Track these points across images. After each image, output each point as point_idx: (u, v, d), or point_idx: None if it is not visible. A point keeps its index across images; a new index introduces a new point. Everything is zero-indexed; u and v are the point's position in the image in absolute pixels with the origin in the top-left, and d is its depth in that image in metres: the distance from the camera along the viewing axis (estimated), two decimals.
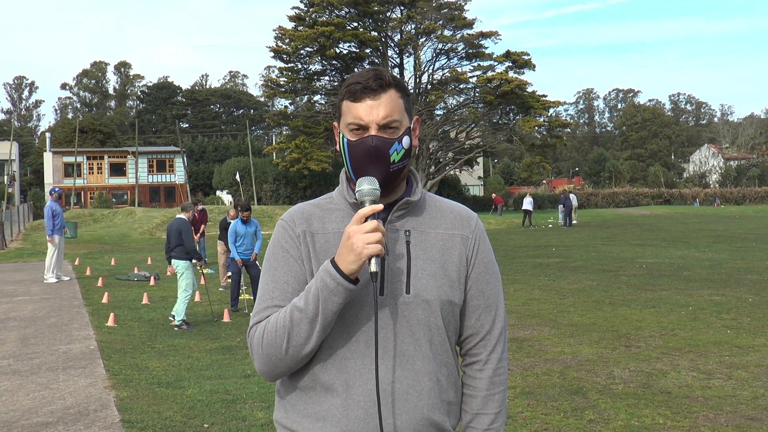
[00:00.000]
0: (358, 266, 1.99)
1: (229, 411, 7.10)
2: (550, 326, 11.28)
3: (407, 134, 2.17)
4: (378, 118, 2.11)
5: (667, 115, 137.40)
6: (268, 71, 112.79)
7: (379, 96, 2.12)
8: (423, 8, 52.27)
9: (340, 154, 2.23)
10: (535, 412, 6.98)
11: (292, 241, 2.19)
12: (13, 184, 64.13)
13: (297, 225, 2.20)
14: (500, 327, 2.28)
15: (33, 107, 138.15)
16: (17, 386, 8.12)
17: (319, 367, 2.12)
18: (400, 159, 2.14)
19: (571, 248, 26.22)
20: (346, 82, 2.17)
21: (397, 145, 2.13)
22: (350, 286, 2.00)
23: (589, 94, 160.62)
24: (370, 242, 1.97)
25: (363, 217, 2.01)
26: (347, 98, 2.16)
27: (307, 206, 2.27)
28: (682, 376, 8.16)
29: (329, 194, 2.31)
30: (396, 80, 2.17)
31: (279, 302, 2.13)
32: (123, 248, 30.72)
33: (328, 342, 2.10)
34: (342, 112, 2.18)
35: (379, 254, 1.98)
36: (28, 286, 17.47)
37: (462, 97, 56.79)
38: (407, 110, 2.19)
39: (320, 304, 2.01)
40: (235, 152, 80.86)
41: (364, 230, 1.98)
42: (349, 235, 1.99)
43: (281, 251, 2.19)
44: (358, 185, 2.09)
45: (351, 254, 1.98)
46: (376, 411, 2.06)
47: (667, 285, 15.65)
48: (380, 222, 2.03)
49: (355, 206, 2.17)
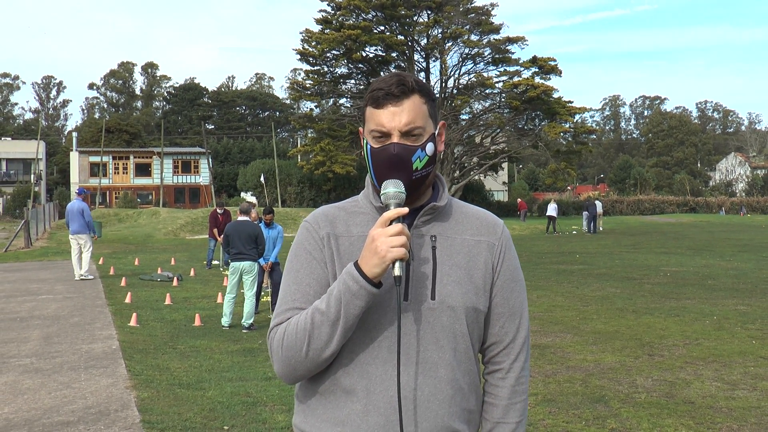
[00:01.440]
0: (381, 270, 1.96)
1: (249, 413, 7.10)
2: (572, 333, 11.20)
3: (431, 141, 2.14)
4: (400, 125, 2.08)
5: (694, 122, 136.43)
6: (294, 74, 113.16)
7: (401, 102, 2.09)
8: (450, 13, 52.18)
9: (365, 160, 2.20)
10: (556, 419, 6.92)
11: (315, 243, 2.17)
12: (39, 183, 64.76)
13: (321, 227, 2.19)
14: (524, 336, 2.25)
15: (60, 107, 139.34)
16: (39, 385, 8.17)
17: (340, 372, 2.09)
18: (424, 166, 2.12)
19: (595, 255, 26.06)
20: (370, 88, 2.15)
21: (420, 152, 2.10)
22: (373, 290, 1.98)
23: (616, 100, 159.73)
24: (395, 246, 1.95)
25: (388, 220, 1.98)
26: (370, 104, 2.13)
27: (332, 209, 2.25)
28: (705, 386, 8.07)
29: (355, 197, 2.29)
30: (420, 85, 2.13)
31: (300, 304, 2.12)
32: (147, 248, 30.89)
33: (349, 346, 2.08)
34: (366, 118, 2.16)
35: (403, 258, 1.96)
36: (52, 285, 17.61)
37: (488, 102, 56.65)
38: (432, 116, 2.16)
39: (342, 307, 1.99)
40: (260, 154, 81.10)
41: (389, 233, 1.96)
42: (373, 238, 1.97)
43: (304, 253, 2.18)
44: (383, 188, 2.07)
45: (375, 257, 1.96)
46: (396, 418, 2.03)
47: (692, 294, 15.51)
48: (405, 226, 2.00)
49: (380, 210, 2.16)
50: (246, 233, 12.09)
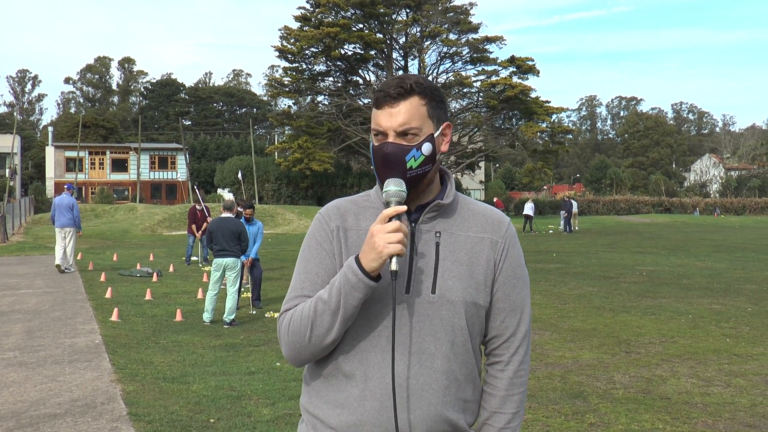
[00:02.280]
0: (378, 264, 2.07)
1: (234, 407, 7.19)
2: (551, 331, 11.36)
3: (429, 141, 2.22)
4: (395, 125, 2.18)
5: (669, 123, 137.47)
6: (272, 70, 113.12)
7: (397, 104, 2.19)
8: (429, 11, 52.41)
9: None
10: (536, 414, 7.06)
11: (326, 234, 2.28)
12: (14, 178, 64.21)
13: (332, 220, 2.30)
14: (524, 330, 2.34)
15: (36, 101, 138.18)
16: (24, 378, 8.21)
17: (342, 358, 2.21)
18: (419, 165, 2.20)
19: (571, 254, 26.30)
20: (375, 90, 2.27)
21: (415, 152, 2.19)
22: (370, 282, 2.09)
23: (592, 101, 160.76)
24: (391, 242, 2.05)
25: (387, 217, 2.09)
26: (373, 105, 2.25)
27: (344, 202, 2.36)
28: (681, 383, 8.25)
29: (368, 191, 2.39)
30: (421, 87, 2.21)
31: (308, 292, 2.24)
32: (124, 244, 30.79)
33: (351, 334, 2.20)
34: (371, 118, 2.27)
35: (399, 254, 2.06)
36: (31, 279, 17.56)
37: (465, 101, 56.96)
38: (431, 117, 2.23)
39: (342, 298, 2.10)
40: (238, 151, 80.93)
41: (387, 230, 2.06)
42: (372, 234, 2.08)
43: (315, 244, 2.29)
44: (385, 186, 2.17)
45: (372, 252, 2.07)
46: (390, 403, 2.14)
47: (667, 293, 15.73)
48: (405, 222, 2.11)
49: (386, 206, 2.24)
50: (229, 230, 12.13)
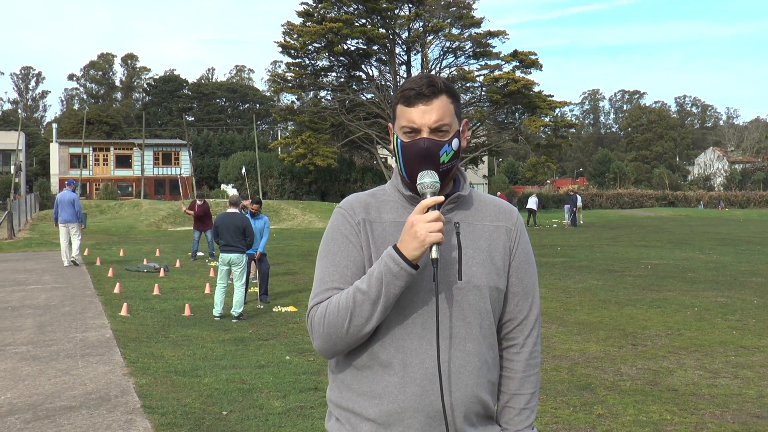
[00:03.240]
0: (420, 252, 2.15)
1: (246, 399, 7.27)
2: (557, 324, 11.44)
3: (456, 137, 2.34)
4: (430, 122, 2.28)
5: (673, 117, 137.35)
6: (275, 66, 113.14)
7: (431, 101, 2.29)
8: (431, 6, 52.33)
9: (393, 153, 2.40)
10: (545, 406, 7.14)
11: (351, 228, 2.35)
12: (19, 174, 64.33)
13: (356, 213, 2.37)
14: (536, 313, 2.46)
15: (39, 98, 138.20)
16: (38, 371, 8.31)
17: (377, 347, 2.27)
18: (449, 160, 2.32)
19: (576, 248, 26.36)
20: (401, 88, 2.34)
21: (447, 147, 2.30)
22: (412, 271, 2.17)
23: (595, 95, 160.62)
24: (433, 230, 2.14)
25: (425, 207, 2.17)
26: (401, 103, 2.32)
27: (365, 196, 2.43)
28: (688, 375, 8.32)
29: (382, 186, 2.47)
30: (447, 87, 2.33)
31: (339, 285, 2.29)
32: (130, 240, 30.89)
33: (385, 324, 2.26)
34: (396, 115, 2.35)
35: (440, 242, 2.15)
36: (39, 275, 17.66)
37: (468, 95, 56.83)
38: (457, 114, 2.35)
39: (383, 287, 2.17)
40: (241, 146, 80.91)
41: (427, 219, 2.15)
42: (412, 224, 2.16)
43: (341, 237, 2.35)
44: (420, 178, 2.26)
45: (414, 241, 2.15)
46: (431, 388, 2.22)
47: (673, 286, 15.80)
48: (440, 213, 2.20)
49: (410, 199, 2.35)
50: (234, 225, 12.21)
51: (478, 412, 2.32)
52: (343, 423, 2.34)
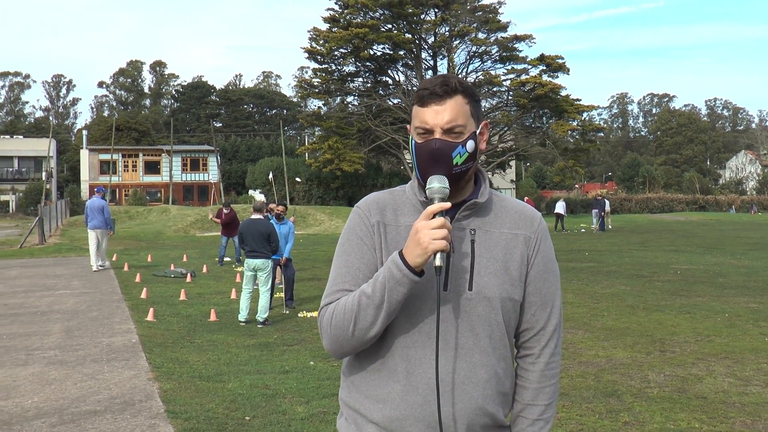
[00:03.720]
0: (423, 260, 2.11)
1: (269, 405, 7.26)
2: (584, 329, 11.32)
3: (472, 138, 2.28)
4: (442, 122, 2.24)
5: (703, 120, 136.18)
6: (302, 72, 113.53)
7: (444, 101, 2.25)
8: (457, 11, 52.27)
9: (410, 155, 2.36)
10: (570, 413, 7.05)
11: (366, 229, 2.32)
12: (50, 181, 65.03)
13: (372, 215, 2.33)
14: (555, 324, 2.39)
15: (70, 105, 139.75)
16: (65, 376, 8.36)
17: (385, 352, 2.25)
18: (464, 162, 2.26)
19: (604, 253, 26.15)
20: (418, 89, 2.31)
21: (461, 148, 2.25)
22: (415, 278, 2.13)
23: (623, 98, 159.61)
24: (436, 238, 2.09)
25: (431, 213, 2.12)
26: (416, 103, 2.29)
27: (383, 195, 2.40)
28: (718, 382, 8.18)
29: (403, 186, 2.43)
30: (464, 86, 2.28)
31: (349, 286, 2.27)
32: (158, 245, 31.09)
33: (392, 330, 2.24)
34: (412, 116, 2.32)
35: (444, 250, 2.10)
36: (68, 280, 17.81)
37: (495, 100, 56.72)
38: (473, 115, 2.30)
39: (386, 293, 2.14)
40: (268, 152, 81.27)
41: (432, 226, 2.10)
42: (417, 230, 2.11)
43: (356, 238, 2.33)
44: (428, 183, 2.22)
45: (418, 248, 2.10)
46: (433, 398, 2.19)
47: (702, 291, 15.60)
48: (448, 219, 2.15)
49: (424, 204, 2.30)
50: (258, 231, 12.24)
51: (485, 424, 2.27)
52: (350, 422, 2.33)
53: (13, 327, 11.61)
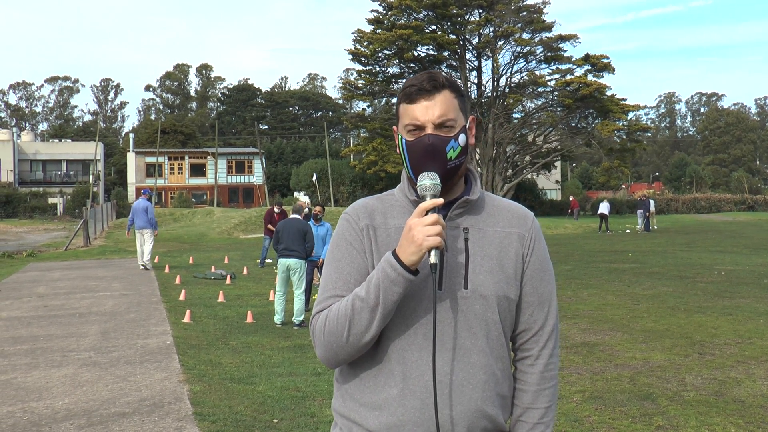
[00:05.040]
0: (418, 257, 2.06)
1: (298, 407, 7.24)
2: (622, 332, 11.15)
3: (463, 132, 2.25)
4: (433, 117, 2.19)
5: (753, 119, 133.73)
6: (347, 74, 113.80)
7: (433, 96, 2.20)
8: (501, 11, 51.94)
9: (400, 156, 2.31)
10: (602, 416, 6.93)
11: (355, 234, 2.27)
12: (98, 184, 66.01)
13: (360, 219, 2.29)
14: (552, 324, 2.34)
15: (118, 109, 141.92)
16: (97, 377, 8.43)
17: (379, 357, 2.19)
18: (457, 156, 2.22)
19: (647, 254, 25.77)
20: (403, 87, 2.26)
21: (453, 142, 2.21)
22: (410, 276, 2.07)
23: (671, 98, 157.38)
24: (431, 234, 2.04)
25: (424, 210, 2.08)
26: (404, 101, 2.25)
27: (371, 200, 2.36)
28: (757, 386, 7.99)
29: (391, 191, 2.40)
30: (450, 81, 2.24)
31: (341, 292, 2.22)
32: (201, 247, 31.37)
33: (387, 333, 2.18)
34: (400, 115, 2.27)
35: (438, 246, 2.05)
36: (109, 282, 18.03)
37: (540, 100, 56.25)
38: (462, 110, 2.26)
39: (381, 294, 2.08)
40: (313, 154, 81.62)
41: (425, 223, 2.05)
42: (410, 227, 2.07)
43: (345, 243, 2.28)
44: (419, 180, 2.17)
45: (412, 245, 2.05)
46: (432, 401, 2.12)
47: (746, 293, 15.27)
48: (441, 216, 2.10)
49: (415, 203, 2.26)
50: (295, 228, 12.25)
51: (485, 427, 2.20)
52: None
53: (51, 328, 11.76)
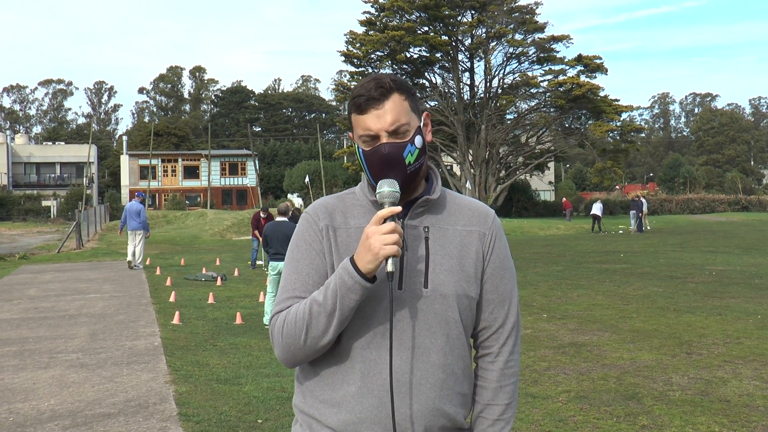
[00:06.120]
0: (375, 266, 2.06)
1: (283, 407, 7.23)
2: (610, 332, 11.16)
3: (418, 134, 2.23)
4: (386, 125, 2.18)
5: (746, 119, 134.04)
6: (340, 75, 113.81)
7: (383, 104, 2.19)
8: (494, 12, 52.01)
9: (358, 162, 2.31)
10: (587, 416, 6.94)
11: (315, 234, 2.27)
12: (91, 186, 65.92)
13: (320, 219, 2.28)
14: (513, 321, 2.34)
15: (111, 111, 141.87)
16: (83, 379, 8.42)
17: (338, 356, 2.20)
18: (416, 159, 2.21)
19: (639, 254, 25.80)
20: (351, 96, 2.25)
21: (410, 146, 2.20)
22: (367, 284, 2.08)
23: (665, 98, 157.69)
24: (387, 243, 2.04)
25: (381, 218, 2.07)
26: (354, 111, 2.23)
27: (331, 200, 2.35)
28: (743, 385, 8.00)
29: (352, 189, 2.38)
30: (398, 83, 2.22)
31: (300, 293, 2.22)
32: (193, 249, 31.33)
33: (348, 332, 2.18)
34: (353, 124, 2.26)
35: (395, 255, 2.05)
36: (100, 284, 18.00)
37: (533, 101, 56.34)
38: (414, 110, 2.24)
39: (338, 300, 2.09)
40: (306, 156, 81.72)
41: (382, 231, 2.05)
42: (367, 236, 2.06)
43: (304, 244, 2.28)
44: (378, 187, 2.16)
45: (368, 254, 2.05)
46: (389, 400, 2.13)
47: (737, 293, 15.30)
48: (399, 223, 2.10)
49: (375, 204, 2.25)
50: (283, 233, 12.24)
51: (443, 425, 2.21)
52: (304, 428, 2.28)
53: (41, 330, 11.74)
